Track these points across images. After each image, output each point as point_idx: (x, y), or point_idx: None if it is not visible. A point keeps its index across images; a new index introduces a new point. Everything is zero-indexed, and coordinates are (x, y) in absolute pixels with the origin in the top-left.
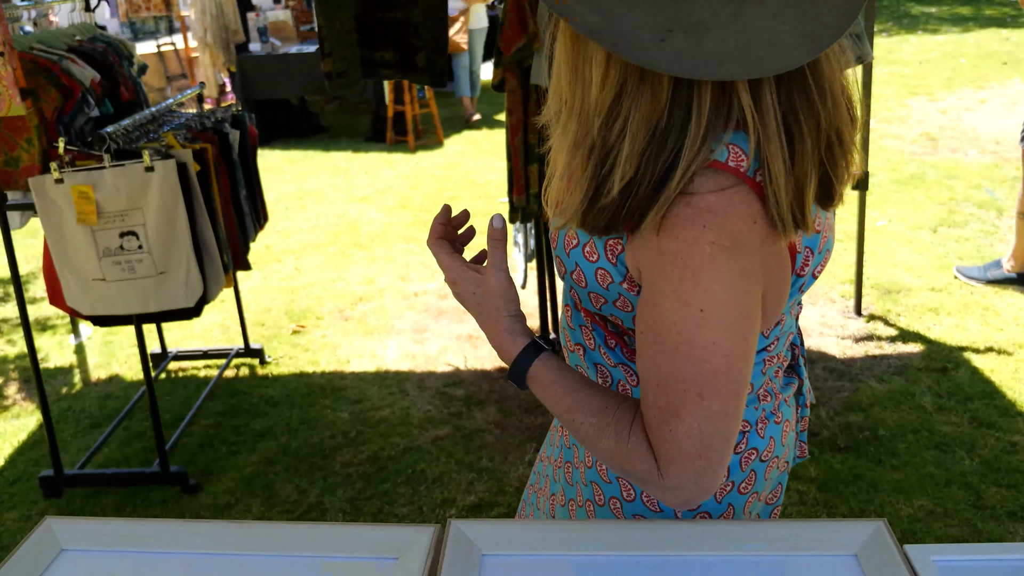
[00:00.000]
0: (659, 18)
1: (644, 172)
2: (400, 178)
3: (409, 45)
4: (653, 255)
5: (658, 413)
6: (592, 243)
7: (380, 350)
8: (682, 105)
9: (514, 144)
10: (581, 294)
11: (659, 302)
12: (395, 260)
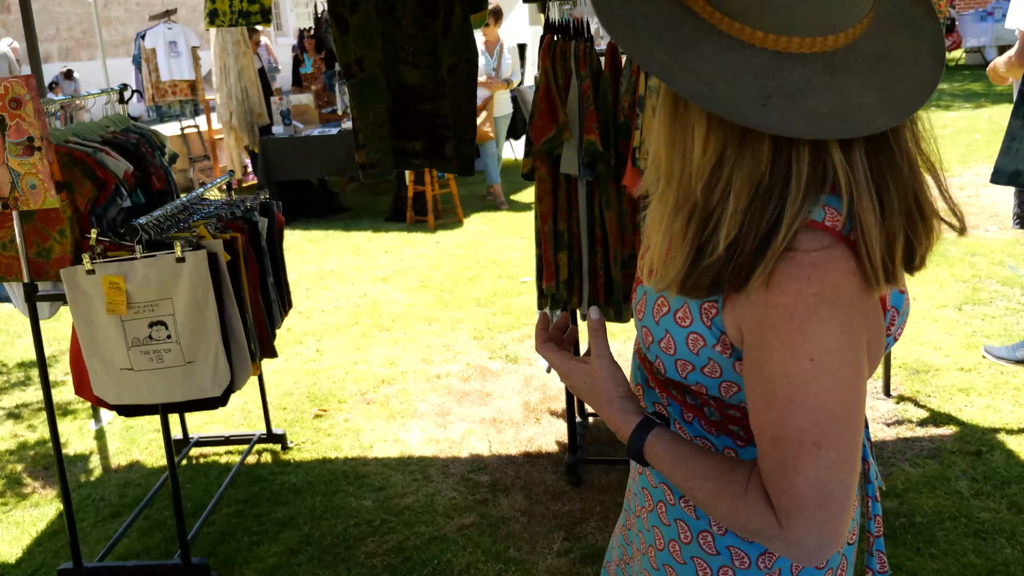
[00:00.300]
0: (759, 86)
1: (748, 230)
2: (420, 258)
3: (438, 135)
4: (759, 311)
5: (775, 467)
6: (685, 308)
7: (403, 434)
8: (782, 165)
9: (544, 231)
10: (667, 363)
11: (768, 356)
12: (417, 341)
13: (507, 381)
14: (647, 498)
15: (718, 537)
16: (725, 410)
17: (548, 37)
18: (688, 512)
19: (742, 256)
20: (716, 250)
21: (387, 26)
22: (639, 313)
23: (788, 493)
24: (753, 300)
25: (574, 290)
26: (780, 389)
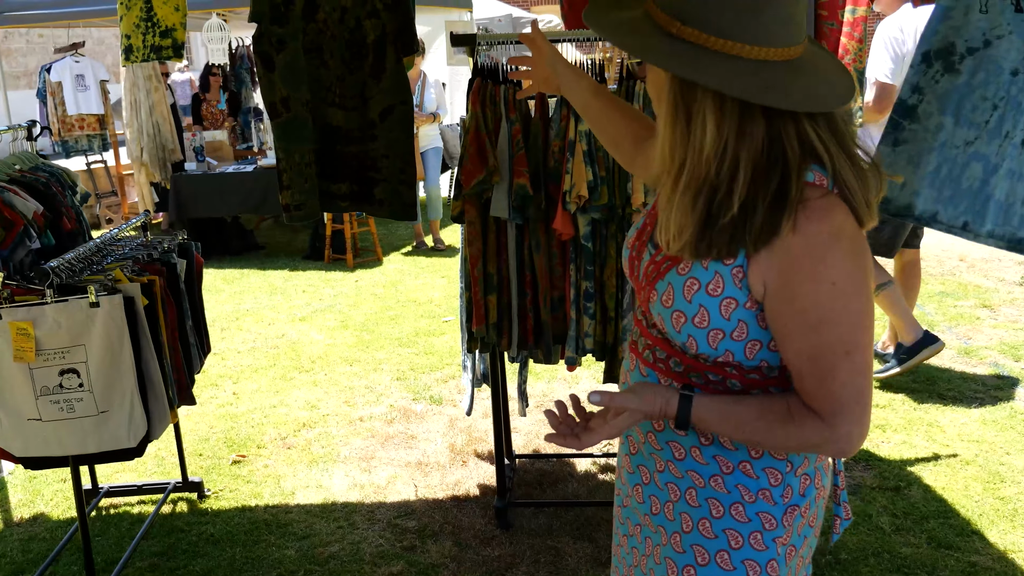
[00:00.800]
0: (758, 81)
1: (758, 193)
2: (340, 297)
3: (366, 178)
4: (784, 257)
5: (814, 381)
6: (717, 278)
7: (326, 480)
8: (776, 140)
9: (474, 274)
10: (699, 337)
11: (797, 291)
12: (338, 383)
13: (432, 423)
14: (657, 461)
15: (726, 477)
16: (747, 375)
17: (478, 81)
18: (698, 461)
19: (759, 215)
20: (730, 212)
21: (314, 67)
22: (665, 303)
23: (830, 399)
24: (778, 249)
25: (503, 332)
26: (812, 314)
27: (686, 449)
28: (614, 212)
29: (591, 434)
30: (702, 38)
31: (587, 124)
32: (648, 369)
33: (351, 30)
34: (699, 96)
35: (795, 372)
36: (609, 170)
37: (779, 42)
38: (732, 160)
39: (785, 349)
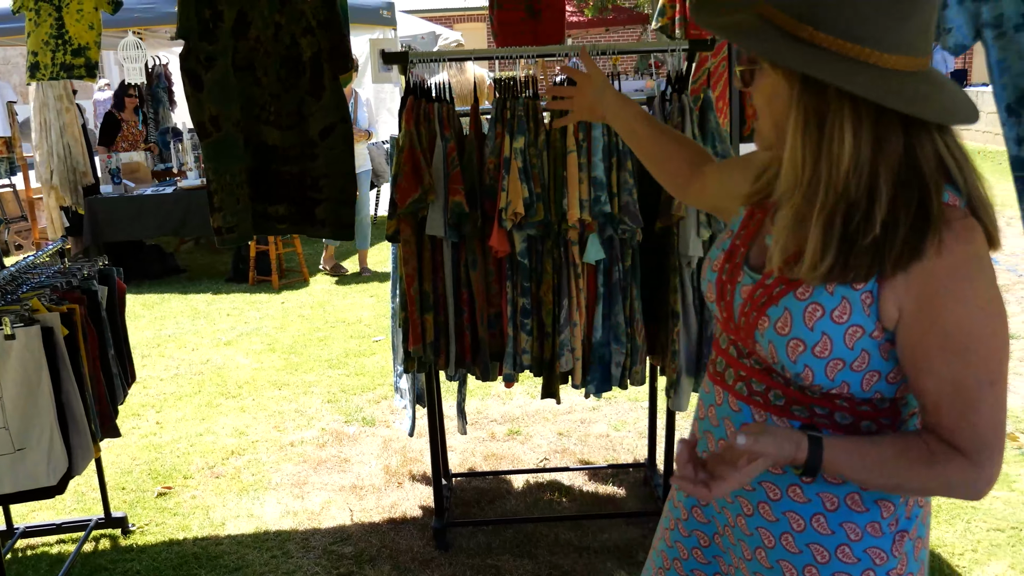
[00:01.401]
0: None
1: (899, 212)
2: (266, 319)
3: (307, 199)
4: (927, 279)
5: (956, 413)
6: (844, 304)
7: (257, 508)
8: (911, 155)
9: (410, 294)
10: (817, 368)
11: (941, 314)
12: (267, 408)
13: (365, 445)
14: (744, 504)
15: (830, 515)
16: (858, 407)
17: (411, 99)
18: (797, 500)
19: (900, 236)
20: (872, 232)
21: (246, 84)
22: (781, 331)
23: (974, 434)
24: (918, 272)
25: (440, 351)
26: (957, 340)
27: (782, 489)
28: (550, 228)
29: (721, 484)
30: (837, 44)
31: (635, 150)
32: (742, 403)
33: (287, 47)
34: (833, 106)
35: (931, 405)
36: (544, 187)
37: (916, 52)
38: (870, 175)
39: (923, 379)
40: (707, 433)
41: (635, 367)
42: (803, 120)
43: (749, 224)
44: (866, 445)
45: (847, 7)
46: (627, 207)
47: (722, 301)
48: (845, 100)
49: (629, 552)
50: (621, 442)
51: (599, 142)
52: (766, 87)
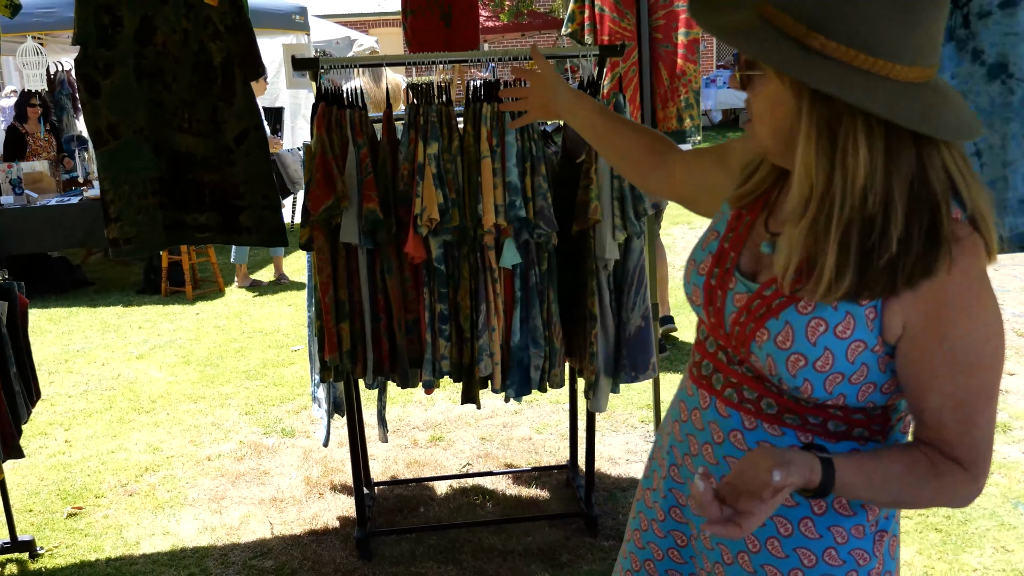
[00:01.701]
0: (917, 106)
1: (912, 228)
2: (180, 331)
3: (230, 206)
4: (936, 295)
5: (958, 428)
6: (848, 319)
7: (173, 526)
8: (923, 170)
9: (325, 302)
10: (817, 382)
11: (949, 330)
12: (182, 422)
13: (285, 457)
14: None
15: (818, 519)
16: (851, 416)
17: (322, 105)
18: (786, 504)
19: (913, 251)
20: (888, 250)
21: (155, 91)
22: (781, 345)
23: (973, 448)
24: (929, 288)
25: (358, 359)
26: (964, 357)
27: None
28: (466, 234)
29: (752, 519)
30: (849, 54)
31: (594, 144)
32: (732, 410)
33: (195, 53)
34: (846, 117)
35: (933, 420)
36: (459, 192)
37: (925, 61)
38: (884, 191)
39: (927, 395)
40: (690, 436)
41: (554, 370)
42: (815, 132)
43: (737, 227)
44: (872, 463)
45: (859, 16)
46: (542, 211)
47: (711, 306)
48: (858, 112)
49: (553, 554)
50: (544, 444)
51: (513, 147)
52: (768, 94)
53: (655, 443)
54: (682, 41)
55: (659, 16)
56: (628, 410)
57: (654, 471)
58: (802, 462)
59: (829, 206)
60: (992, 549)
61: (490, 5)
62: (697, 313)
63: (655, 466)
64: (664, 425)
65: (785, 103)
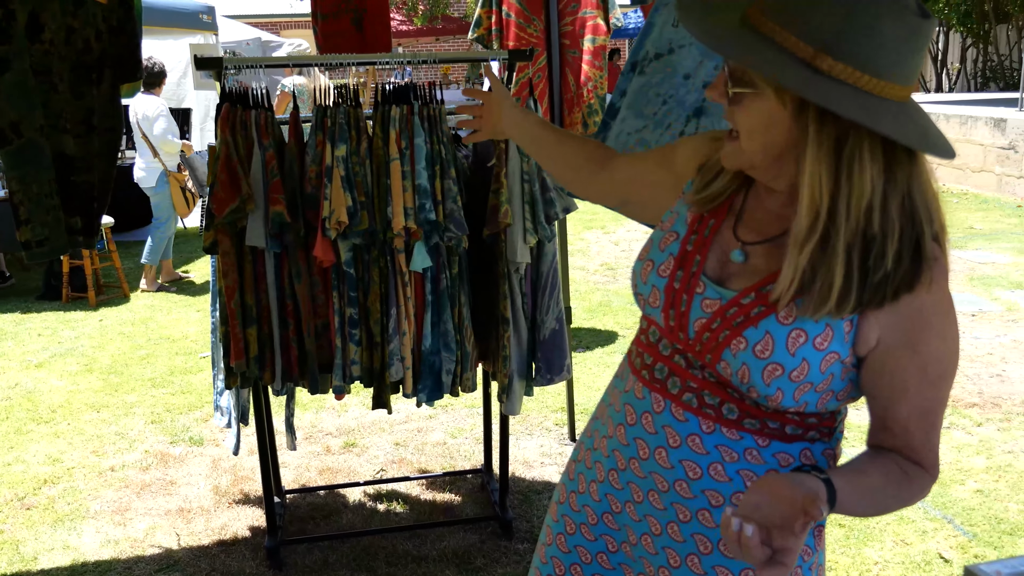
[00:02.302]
0: (917, 127)
1: (904, 245)
2: (82, 339)
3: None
4: (914, 312)
5: (923, 435)
6: (827, 331)
7: (74, 539)
8: (912, 189)
9: (230, 307)
10: (788, 391)
11: (923, 347)
12: (84, 432)
13: (193, 466)
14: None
15: None
16: (806, 420)
17: (227, 106)
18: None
19: (902, 268)
20: (884, 268)
21: (44, 91)
22: (760, 355)
23: (932, 451)
24: (908, 305)
25: (266, 365)
26: (933, 370)
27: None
28: (375, 237)
29: (789, 554)
30: (855, 76)
31: (538, 157)
32: (689, 414)
33: (79, 52)
34: (852, 138)
35: (900, 429)
36: (368, 195)
37: (911, 82)
38: (883, 209)
39: (897, 405)
40: (639, 440)
41: (466, 374)
42: (823, 153)
43: (701, 230)
44: (859, 477)
45: (874, 41)
46: (452, 214)
47: (671, 310)
48: (863, 132)
49: (467, 558)
50: (458, 449)
51: (422, 150)
52: (761, 111)
53: (582, 445)
54: (588, 48)
55: (567, 22)
56: (542, 413)
57: (580, 474)
58: (807, 486)
59: (836, 225)
60: (892, 543)
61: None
62: (650, 315)
63: (582, 468)
64: (598, 428)
65: (781, 122)
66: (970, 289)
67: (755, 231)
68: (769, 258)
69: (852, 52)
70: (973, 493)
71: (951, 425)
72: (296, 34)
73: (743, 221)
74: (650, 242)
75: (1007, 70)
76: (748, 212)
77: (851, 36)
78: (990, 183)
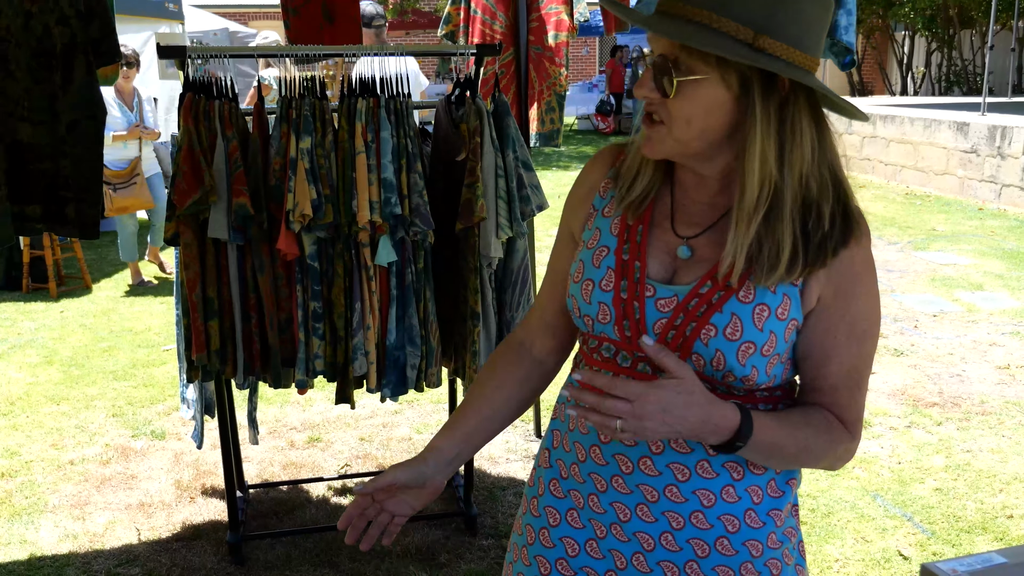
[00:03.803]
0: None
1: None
2: (43, 330)
3: (58, 197)
4: (848, 266)
5: (848, 393)
6: (785, 301)
7: (32, 534)
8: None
9: (192, 300)
10: (762, 368)
11: (853, 304)
12: (43, 425)
13: (154, 460)
14: (647, 492)
15: (737, 484)
16: (774, 393)
17: (190, 96)
18: (707, 476)
19: (838, 227)
20: (823, 228)
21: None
22: (731, 337)
23: (856, 410)
24: (840, 263)
25: (228, 359)
26: (860, 326)
27: (691, 468)
28: (340, 231)
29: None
30: (788, 51)
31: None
32: None
33: (38, 38)
34: (791, 110)
35: (829, 387)
36: (333, 188)
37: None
38: (819, 175)
39: (827, 363)
40: (593, 447)
41: (431, 369)
42: (768, 125)
43: (632, 237)
44: (780, 412)
45: (802, 19)
46: (418, 209)
47: (624, 320)
48: (799, 104)
49: (431, 554)
50: (423, 444)
51: (388, 144)
52: (704, 97)
53: (548, 455)
54: (550, 44)
55: (533, 19)
56: None
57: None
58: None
59: (783, 194)
60: (853, 540)
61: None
62: (600, 333)
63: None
64: (569, 452)
65: (723, 105)
66: (932, 290)
67: (693, 224)
68: (715, 246)
69: (786, 31)
70: (932, 491)
71: (912, 424)
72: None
73: (677, 218)
74: (581, 264)
75: (970, 75)
76: (680, 208)
77: (784, 16)
78: (952, 186)
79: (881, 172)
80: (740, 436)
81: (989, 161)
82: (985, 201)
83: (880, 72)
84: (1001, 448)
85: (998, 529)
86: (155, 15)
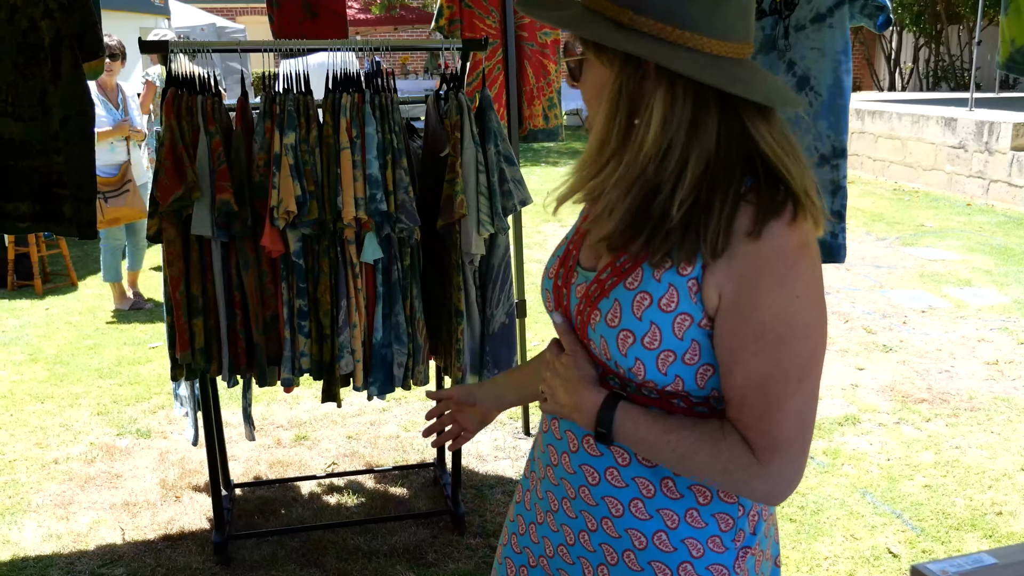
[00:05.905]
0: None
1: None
2: (28, 328)
3: (52, 195)
4: (749, 262)
5: (757, 409)
6: (671, 291)
7: (15, 534)
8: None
9: (175, 297)
10: (648, 361)
11: (760, 300)
12: (27, 424)
13: (139, 459)
14: (589, 472)
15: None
16: (695, 407)
17: (172, 91)
18: (647, 465)
19: (715, 218)
20: (671, 217)
21: None
22: (611, 323)
23: (770, 432)
24: (740, 256)
25: (213, 357)
26: (772, 329)
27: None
28: (325, 227)
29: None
30: (657, 27)
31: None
32: None
33: (24, 32)
34: (648, 90)
35: (735, 399)
36: (318, 184)
37: (736, 37)
38: (680, 159)
39: (732, 371)
40: (549, 447)
41: (418, 367)
42: (614, 104)
43: (579, 227)
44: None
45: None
46: (403, 205)
47: (560, 306)
48: (662, 83)
49: (419, 554)
50: (411, 443)
51: (373, 139)
52: (595, 79)
53: (537, 460)
54: (544, 40)
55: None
56: None
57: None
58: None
59: (609, 170)
60: (842, 537)
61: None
62: (553, 319)
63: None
64: (539, 459)
65: (608, 85)
66: (920, 286)
67: None
68: None
69: (649, 5)
70: (921, 488)
71: (900, 420)
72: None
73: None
74: None
75: (958, 70)
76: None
77: None
78: (940, 181)
79: (869, 168)
80: (601, 422)
81: (977, 157)
82: (973, 197)
83: (868, 67)
84: (990, 444)
85: (987, 526)
86: (140, 10)
